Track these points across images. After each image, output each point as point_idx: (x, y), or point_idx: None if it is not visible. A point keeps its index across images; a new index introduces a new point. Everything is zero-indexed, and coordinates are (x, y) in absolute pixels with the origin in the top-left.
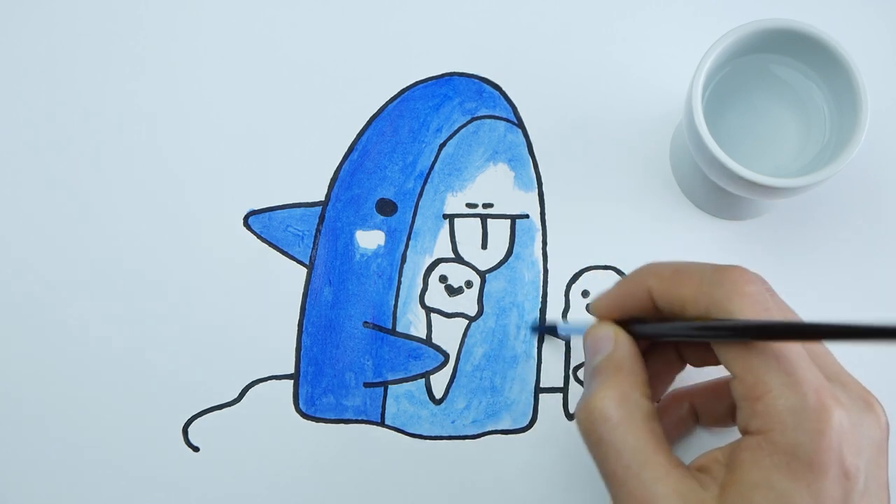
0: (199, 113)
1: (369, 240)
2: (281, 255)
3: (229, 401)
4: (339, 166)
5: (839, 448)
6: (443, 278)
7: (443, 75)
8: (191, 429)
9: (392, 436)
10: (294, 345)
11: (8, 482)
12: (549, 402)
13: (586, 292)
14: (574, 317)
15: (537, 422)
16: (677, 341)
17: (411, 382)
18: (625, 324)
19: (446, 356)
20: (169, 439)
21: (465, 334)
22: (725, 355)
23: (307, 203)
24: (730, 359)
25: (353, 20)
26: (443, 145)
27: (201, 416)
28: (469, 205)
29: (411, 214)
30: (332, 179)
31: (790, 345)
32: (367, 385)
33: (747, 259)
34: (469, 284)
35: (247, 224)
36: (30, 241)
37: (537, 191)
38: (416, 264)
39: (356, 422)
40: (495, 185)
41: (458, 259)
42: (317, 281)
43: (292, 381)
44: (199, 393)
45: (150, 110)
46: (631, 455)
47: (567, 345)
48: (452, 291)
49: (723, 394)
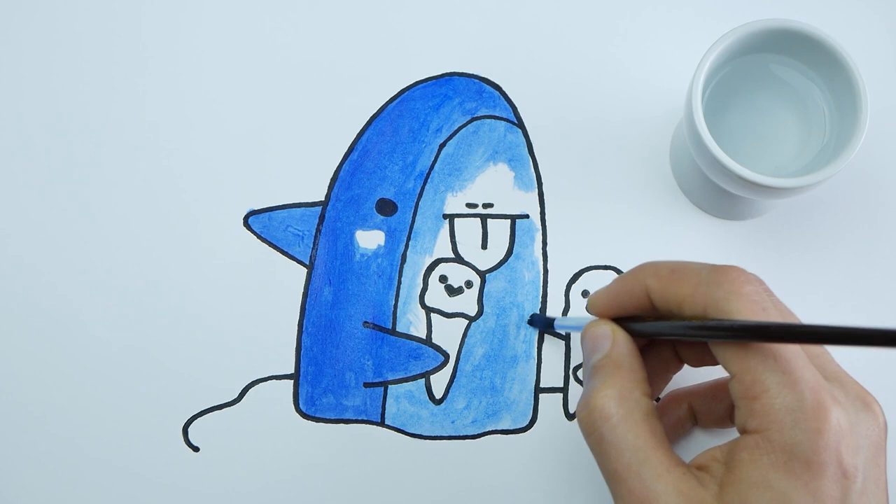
0: (199, 113)
1: (369, 240)
2: (281, 255)
3: (229, 401)
4: (339, 166)
5: (837, 447)
6: (443, 278)
7: (443, 75)
8: (191, 429)
9: (392, 436)
10: (294, 345)
11: (8, 482)
12: (549, 402)
13: (586, 292)
14: (572, 314)
15: (537, 422)
16: (674, 340)
17: (411, 382)
18: (622, 321)
19: (446, 356)
20: (169, 439)
21: (465, 334)
22: (723, 355)
23: (307, 203)
24: (727, 358)
25: (353, 20)
26: (443, 145)
27: (201, 416)
28: (469, 205)
29: (411, 214)
30: (332, 179)
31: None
32: (367, 385)
33: (747, 259)
34: (469, 284)
35: (247, 224)
36: (30, 240)
37: (537, 191)
38: (416, 264)
39: (356, 422)
40: (495, 185)
41: (458, 259)
42: (317, 281)
43: (292, 381)
44: (199, 393)
45: (151, 110)
46: (631, 453)
47: (567, 344)
48: (452, 291)
49: (721, 395)
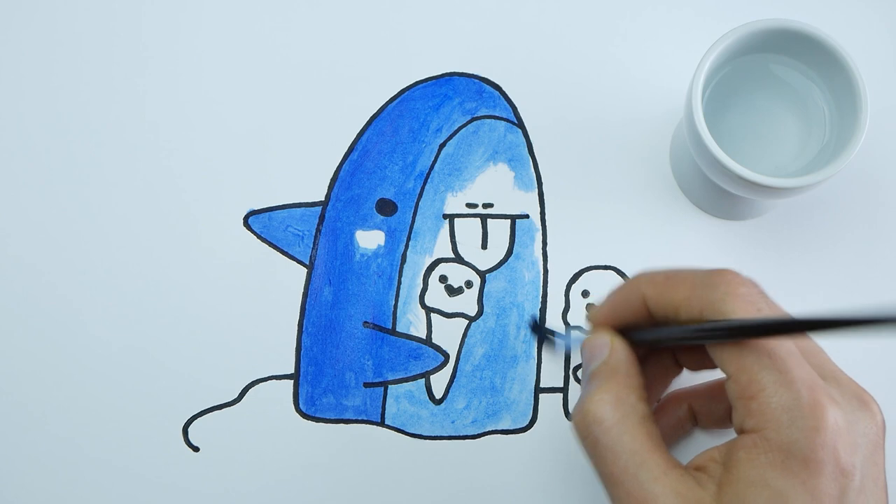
0: (199, 113)
1: (369, 240)
2: (281, 255)
3: (229, 401)
4: (339, 166)
5: (834, 445)
6: (443, 278)
7: (443, 75)
8: (191, 429)
9: (392, 436)
10: (294, 345)
11: (8, 481)
12: (549, 402)
13: (586, 292)
14: (574, 332)
15: (537, 422)
16: (673, 346)
17: (411, 382)
18: (621, 332)
19: (446, 356)
20: (169, 439)
21: (465, 334)
22: (719, 356)
23: (307, 203)
24: (724, 359)
25: (353, 20)
26: (443, 145)
27: (201, 416)
28: (469, 205)
29: (411, 214)
30: (332, 179)
31: (783, 344)
32: (367, 385)
33: (747, 259)
34: (469, 284)
35: (247, 224)
36: (30, 240)
37: (537, 191)
38: (416, 264)
39: (356, 422)
40: (495, 185)
41: (458, 259)
42: (317, 281)
43: (292, 381)
44: (199, 393)
45: (151, 110)
46: (627, 456)
47: (567, 344)
48: (452, 291)
49: (720, 395)
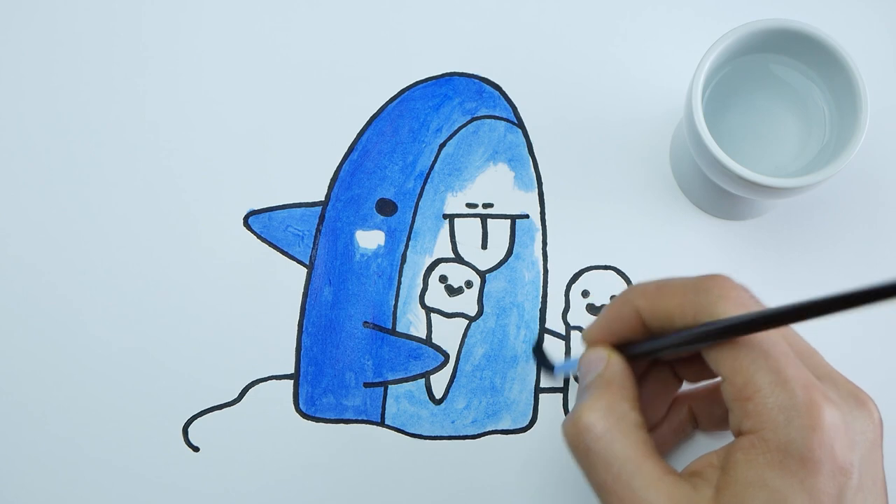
0: (199, 113)
1: (369, 240)
2: (281, 255)
3: (229, 401)
4: (339, 166)
5: (831, 444)
6: (443, 278)
7: (443, 75)
8: (191, 429)
9: (392, 436)
10: (294, 345)
11: (8, 481)
12: (549, 402)
13: (586, 292)
14: (573, 358)
15: (537, 422)
16: (673, 359)
17: (411, 382)
18: (617, 348)
19: (446, 356)
20: (169, 439)
21: (465, 334)
22: (714, 359)
23: (307, 203)
24: (718, 362)
25: (353, 20)
26: (443, 145)
27: (201, 416)
28: (469, 205)
29: (411, 214)
30: (332, 179)
31: (777, 344)
32: (367, 385)
33: (747, 259)
34: (469, 284)
35: (247, 224)
36: (30, 240)
37: (537, 191)
38: (416, 264)
39: (356, 422)
40: (495, 185)
41: (458, 259)
42: (317, 281)
43: (292, 381)
44: (199, 393)
45: (151, 110)
46: (620, 464)
47: (567, 344)
48: (452, 291)
49: (720, 397)
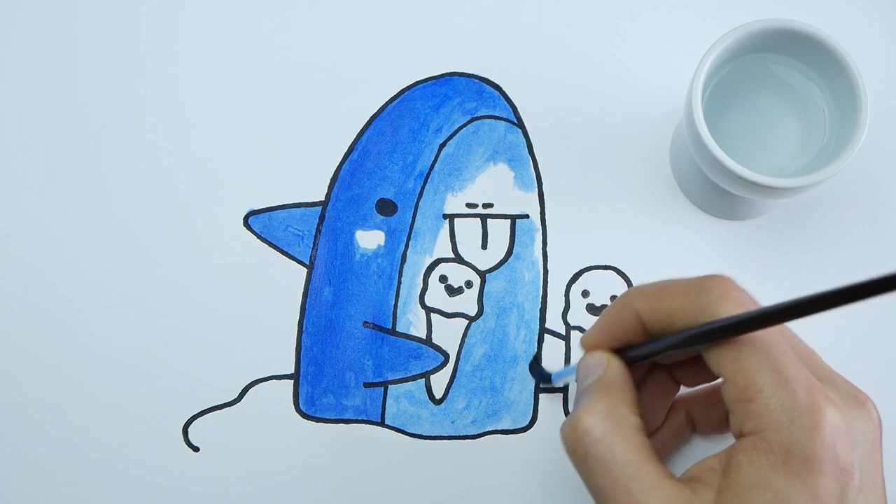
0: (199, 113)
1: (369, 240)
2: (281, 255)
3: (229, 401)
4: (339, 166)
5: (833, 444)
6: (443, 278)
7: (443, 75)
8: (191, 429)
9: (392, 436)
10: (294, 345)
11: (8, 481)
12: (549, 402)
13: (586, 292)
14: (570, 365)
15: (537, 422)
16: (671, 363)
17: (411, 382)
18: (617, 352)
19: (446, 356)
20: (169, 439)
21: (465, 334)
22: (715, 360)
23: (307, 203)
24: (720, 363)
25: (353, 20)
26: (443, 145)
27: (201, 416)
28: (469, 205)
29: (411, 214)
30: (332, 179)
31: (778, 345)
32: (367, 385)
33: (747, 259)
34: (469, 284)
35: (247, 224)
36: (30, 240)
37: (537, 191)
38: (416, 264)
39: (356, 422)
40: (495, 185)
41: (458, 259)
42: (317, 281)
43: (292, 381)
44: (199, 393)
45: (151, 110)
46: (619, 468)
47: (567, 345)
48: (452, 291)
49: (718, 400)
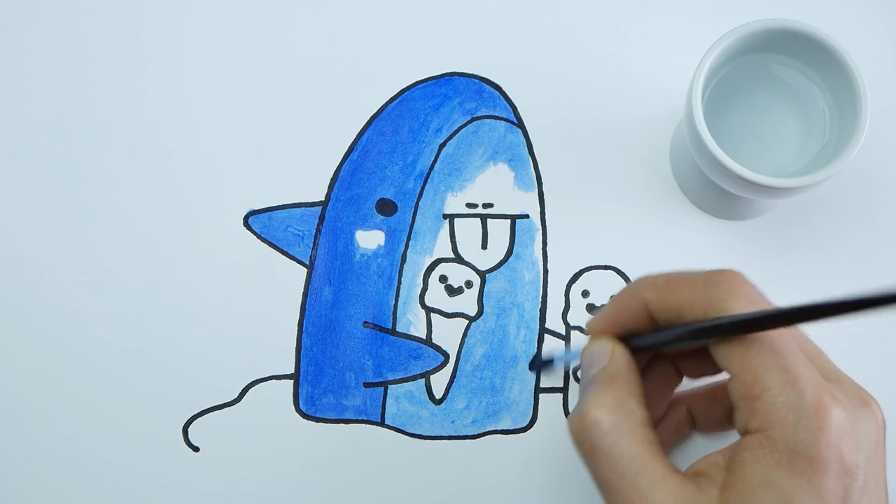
0: (199, 113)
1: (369, 240)
2: (281, 255)
3: (229, 401)
4: (339, 166)
5: (839, 444)
6: (443, 278)
7: (443, 75)
8: (191, 429)
9: (392, 436)
10: (294, 345)
11: (8, 482)
12: (549, 402)
13: (586, 292)
14: (574, 345)
15: (537, 422)
16: (675, 353)
17: (411, 382)
18: (622, 340)
19: (446, 356)
20: (169, 439)
21: (465, 334)
22: (723, 356)
23: (307, 203)
24: (727, 359)
25: (353, 20)
26: (443, 145)
27: (201, 416)
28: (469, 205)
29: (411, 214)
30: (332, 179)
31: (787, 344)
32: (367, 385)
33: (747, 259)
34: (469, 284)
35: (247, 224)
36: (30, 240)
37: (537, 191)
38: (416, 264)
39: (356, 422)
40: (495, 185)
41: (458, 259)
42: (317, 281)
43: (292, 381)
44: (199, 393)
45: (151, 110)
46: (626, 461)
47: (567, 344)
48: (452, 291)
49: (719, 397)
